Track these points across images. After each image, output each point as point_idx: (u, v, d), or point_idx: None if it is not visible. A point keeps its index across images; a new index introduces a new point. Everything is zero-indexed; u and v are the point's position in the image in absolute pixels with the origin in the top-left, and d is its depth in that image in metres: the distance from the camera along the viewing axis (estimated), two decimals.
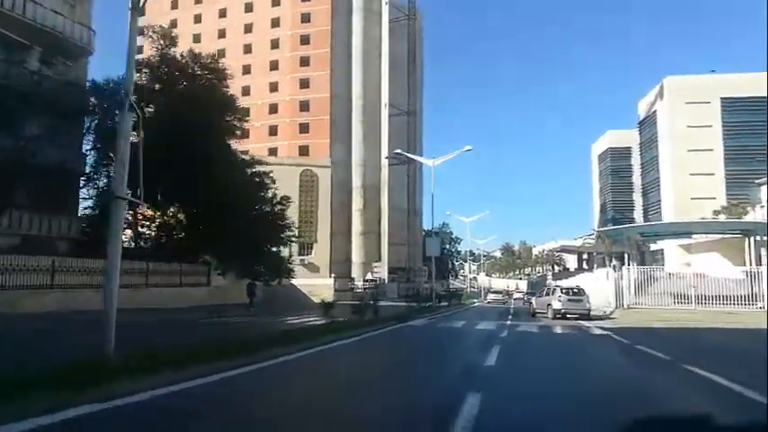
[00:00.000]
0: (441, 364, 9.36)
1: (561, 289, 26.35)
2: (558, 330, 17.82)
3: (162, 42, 30.77)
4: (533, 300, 30.07)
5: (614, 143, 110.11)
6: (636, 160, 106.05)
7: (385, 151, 71.54)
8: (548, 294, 27.11)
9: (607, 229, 41.32)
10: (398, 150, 53.66)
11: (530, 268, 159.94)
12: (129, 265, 22.91)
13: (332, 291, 43.28)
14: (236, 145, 33.99)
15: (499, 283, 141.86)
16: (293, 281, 44.36)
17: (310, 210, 55.57)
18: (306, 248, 57.36)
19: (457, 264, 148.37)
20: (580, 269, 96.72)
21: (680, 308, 27.01)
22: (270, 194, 32.47)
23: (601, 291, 32.20)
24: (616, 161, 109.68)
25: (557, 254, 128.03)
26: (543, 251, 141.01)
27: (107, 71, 64.22)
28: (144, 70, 28.89)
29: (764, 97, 75.85)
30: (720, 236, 52.07)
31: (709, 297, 27.65)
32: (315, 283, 44.11)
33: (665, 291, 29.74)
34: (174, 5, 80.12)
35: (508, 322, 21.68)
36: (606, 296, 29.91)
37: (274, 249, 35.78)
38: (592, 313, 24.83)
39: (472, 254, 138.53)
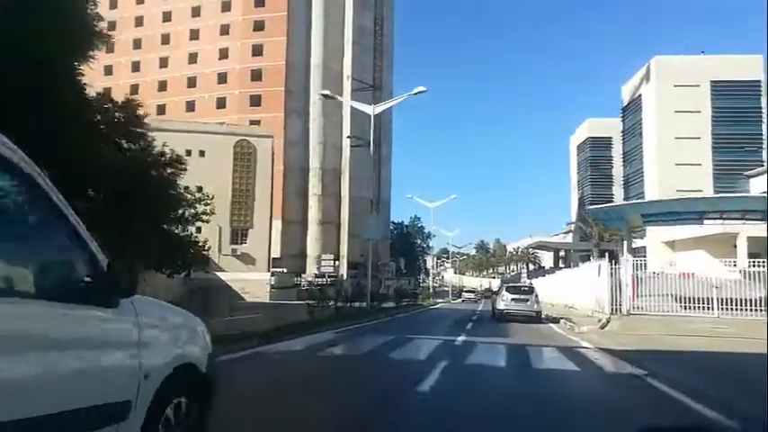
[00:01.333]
0: None
1: (506, 287, 24.84)
2: (542, 361, 10.66)
3: None
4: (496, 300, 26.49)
5: (594, 132, 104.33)
6: (617, 151, 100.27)
7: (347, 130, 64.13)
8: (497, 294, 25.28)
9: (600, 207, 34.04)
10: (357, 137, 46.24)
11: (504, 266, 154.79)
12: None
13: (267, 288, 36.10)
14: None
15: (472, 281, 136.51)
16: (223, 275, 37.08)
17: (246, 189, 47.62)
18: (239, 236, 49.41)
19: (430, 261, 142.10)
20: (556, 267, 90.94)
21: (695, 315, 20.26)
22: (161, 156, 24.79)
23: (588, 291, 25.44)
24: (596, 152, 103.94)
25: (532, 251, 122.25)
26: (518, 248, 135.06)
27: None
28: None
29: (757, 81, 70.82)
30: (705, 231, 46.40)
31: (702, 300, 20.84)
32: (248, 278, 36.69)
33: (666, 292, 22.93)
34: None
35: (461, 338, 14.71)
36: (597, 298, 23.07)
37: (183, 233, 28.32)
38: (581, 328, 18.19)
39: (445, 252, 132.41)
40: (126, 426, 2.55)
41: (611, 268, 21.38)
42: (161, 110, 60.67)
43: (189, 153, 44.41)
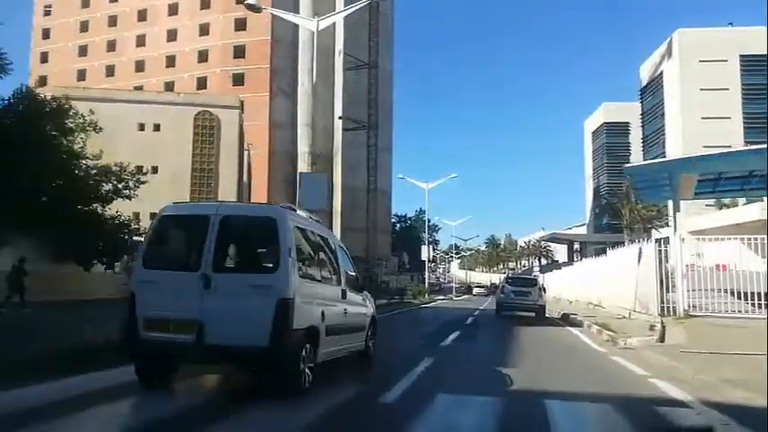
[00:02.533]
0: None
1: (507, 280, 23.80)
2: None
3: None
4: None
5: (610, 117, 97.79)
6: (635, 137, 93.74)
7: (339, 110, 58.24)
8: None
9: (644, 164, 26.82)
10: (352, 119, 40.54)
11: (515, 261, 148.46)
12: None
13: None
14: None
15: (481, 277, 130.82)
16: None
17: (208, 168, 41.35)
18: None
19: (437, 255, 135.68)
20: (571, 260, 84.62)
21: None
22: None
23: (621, 284, 19.38)
24: (612, 138, 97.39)
25: (544, 244, 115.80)
26: (529, 242, 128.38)
27: None
28: None
29: None
30: (740, 218, 40.15)
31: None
32: None
33: (721, 287, 16.76)
34: None
35: (421, 366, 8.40)
36: (639, 294, 16.99)
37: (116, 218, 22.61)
38: (629, 341, 12.03)
39: (456, 247, 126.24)
40: (364, 333, 8.47)
41: (660, 251, 15.28)
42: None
43: (142, 127, 39.05)
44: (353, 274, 8.17)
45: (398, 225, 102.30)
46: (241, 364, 6.16)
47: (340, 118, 54.70)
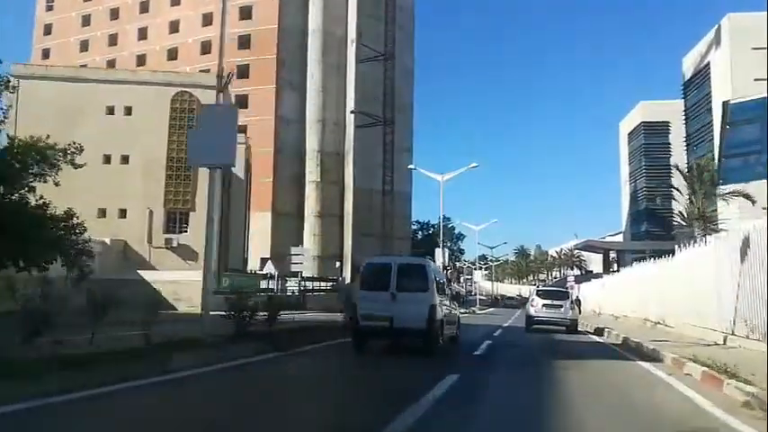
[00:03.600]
0: None
1: (537, 292, 22.76)
2: None
3: None
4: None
5: (648, 117, 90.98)
6: (675, 137, 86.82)
7: (351, 104, 53.34)
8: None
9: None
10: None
11: (546, 272, 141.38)
12: None
13: (208, 292, 25.14)
14: None
15: (510, 289, 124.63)
16: (152, 275, 26.71)
17: (186, 156, 35.69)
18: (177, 221, 36.03)
19: (463, 266, 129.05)
20: (606, 270, 78.04)
21: None
22: None
23: (698, 295, 13.68)
24: (650, 138, 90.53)
25: (576, 253, 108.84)
26: (561, 251, 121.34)
27: None
28: None
29: None
30: None
31: None
32: (182, 280, 25.72)
33: None
34: None
35: None
36: (742, 308, 11.29)
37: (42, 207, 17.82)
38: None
39: (483, 258, 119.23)
40: (455, 325, 14.03)
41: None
42: None
43: (111, 111, 34.36)
44: (448, 292, 14.26)
45: (420, 233, 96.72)
46: (410, 338, 11.57)
47: (352, 112, 49.69)
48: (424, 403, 6.32)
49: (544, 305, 20.91)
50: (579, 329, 20.82)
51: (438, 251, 45.12)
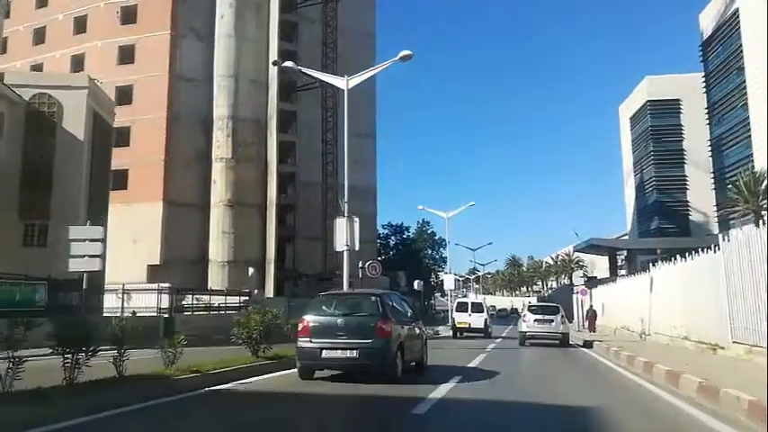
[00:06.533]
0: None
1: (528, 308, 23.14)
2: None
3: None
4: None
5: (655, 94, 77.67)
6: (689, 117, 73.64)
7: (274, 51, 39.54)
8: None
9: None
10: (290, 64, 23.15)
11: (541, 282, 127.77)
12: None
13: None
14: None
15: (501, 302, 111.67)
16: None
17: (45, 160, 23.36)
18: (34, 234, 24.90)
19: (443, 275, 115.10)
20: (613, 274, 64.18)
21: None
22: None
23: None
24: (659, 118, 77.20)
25: (576, 256, 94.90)
26: (557, 257, 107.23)
27: None
28: None
29: None
30: None
31: None
32: None
33: None
34: None
35: None
36: None
37: None
38: None
39: (473, 271, 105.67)
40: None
41: None
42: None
43: None
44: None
45: (393, 237, 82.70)
46: None
47: (275, 64, 35.56)
48: None
49: (536, 320, 21.32)
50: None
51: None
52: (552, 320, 20.96)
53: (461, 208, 42.56)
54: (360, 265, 24.42)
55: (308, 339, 9.03)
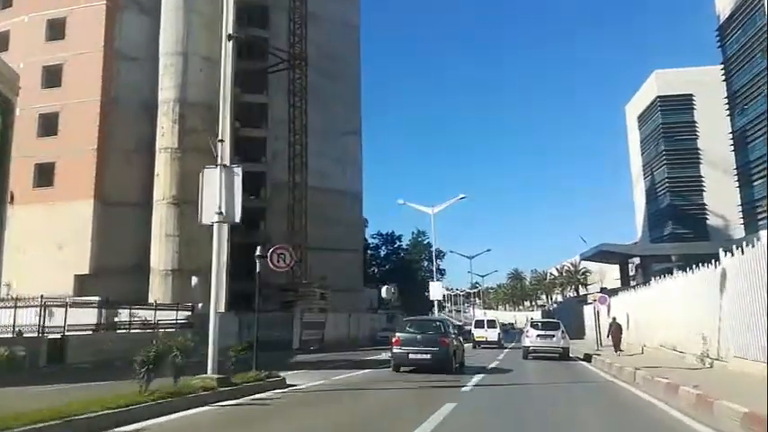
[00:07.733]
0: None
1: (532, 324, 24.67)
2: None
3: None
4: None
5: (665, 89, 72.01)
6: (703, 113, 67.91)
7: (229, 25, 33.46)
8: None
9: None
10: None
11: (545, 295, 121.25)
12: None
13: None
14: None
15: (504, 317, 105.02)
16: None
17: None
18: None
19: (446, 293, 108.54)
20: (625, 283, 57.91)
21: None
22: None
23: None
24: (670, 115, 71.44)
25: (582, 266, 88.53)
26: (563, 267, 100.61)
27: None
28: None
29: None
30: None
31: None
32: None
33: None
34: None
35: None
36: None
37: None
38: None
39: (475, 286, 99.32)
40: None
41: None
42: None
43: None
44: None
45: (385, 247, 76.58)
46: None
47: (230, 37, 29.77)
48: None
49: (538, 335, 22.52)
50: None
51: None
52: (553, 335, 22.44)
53: (449, 202, 38.42)
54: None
55: (399, 347, 14.82)
